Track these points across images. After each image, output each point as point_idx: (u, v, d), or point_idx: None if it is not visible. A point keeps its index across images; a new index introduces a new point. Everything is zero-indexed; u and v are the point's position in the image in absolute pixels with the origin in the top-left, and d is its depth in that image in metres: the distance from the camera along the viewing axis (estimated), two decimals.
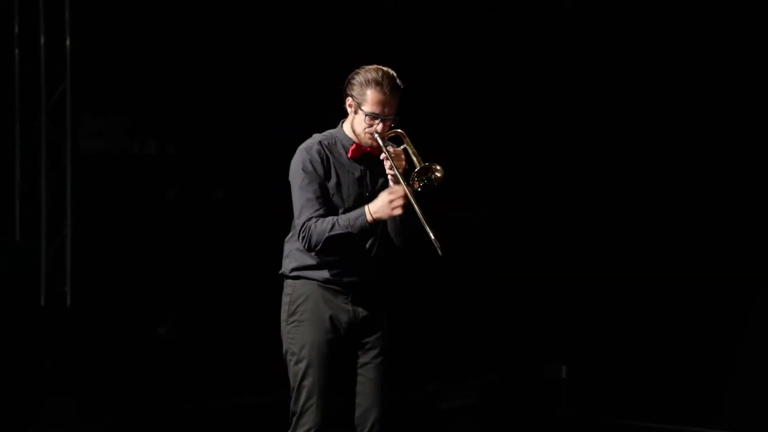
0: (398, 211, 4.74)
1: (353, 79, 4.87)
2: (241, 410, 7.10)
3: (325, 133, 4.98)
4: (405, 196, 4.72)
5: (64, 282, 8.18)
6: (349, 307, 4.90)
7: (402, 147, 4.87)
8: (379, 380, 4.90)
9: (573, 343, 8.93)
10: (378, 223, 4.84)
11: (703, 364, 8.23)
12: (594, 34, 8.64)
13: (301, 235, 4.78)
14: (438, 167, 4.76)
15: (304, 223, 4.79)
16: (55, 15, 8.41)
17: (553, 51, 8.87)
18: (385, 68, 4.87)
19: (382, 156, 4.82)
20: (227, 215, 8.39)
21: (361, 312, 4.91)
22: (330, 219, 4.78)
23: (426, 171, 4.76)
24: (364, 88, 4.83)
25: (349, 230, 4.76)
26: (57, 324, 7.92)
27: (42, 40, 8.52)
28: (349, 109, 4.91)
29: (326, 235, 4.75)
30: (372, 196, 4.86)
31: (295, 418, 4.86)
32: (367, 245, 4.94)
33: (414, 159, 4.79)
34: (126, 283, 7.77)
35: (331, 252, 4.81)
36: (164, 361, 7.79)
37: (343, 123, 4.98)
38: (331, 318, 4.86)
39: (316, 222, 4.77)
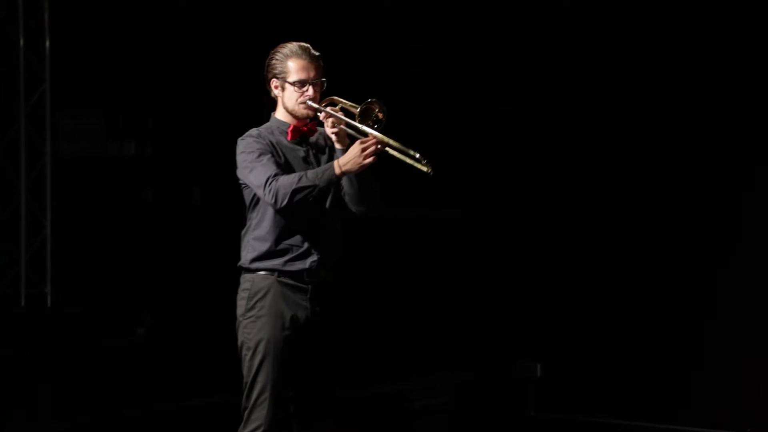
0: (370, 159, 4.77)
1: (272, 59, 4.93)
2: (219, 409, 7.12)
3: (258, 127, 5.01)
4: (377, 141, 4.77)
5: (44, 283, 8.18)
6: (307, 304, 4.92)
7: (338, 107, 4.92)
8: (316, 374, 4.94)
9: (547, 342, 8.93)
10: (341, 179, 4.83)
11: (676, 362, 8.26)
12: (585, 32, 8.65)
13: (267, 192, 4.77)
14: (374, 100, 4.80)
15: (268, 181, 4.77)
16: (35, 16, 8.39)
17: (544, 49, 8.87)
18: (297, 42, 4.94)
19: (322, 116, 4.86)
20: (205, 216, 8.41)
21: (318, 310, 4.94)
22: (297, 173, 4.79)
23: (368, 112, 4.80)
24: (284, 61, 4.90)
25: (317, 183, 4.76)
26: (37, 325, 7.90)
27: (21, 42, 8.50)
28: (275, 91, 4.95)
29: (294, 186, 4.75)
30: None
31: (246, 413, 4.90)
32: (326, 222, 4.94)
33: (352, 110, 4.82)
34: (105, 284, 7.77)
35: (294, 211, 4.79)
36: (143, 361, 7.79)
37: (273, 114, 5.02)
38: (289, 315, 4.88)
39: (281, 176, 4.78)
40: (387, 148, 4.81)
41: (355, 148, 4.77)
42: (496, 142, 9.17)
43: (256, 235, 4.91)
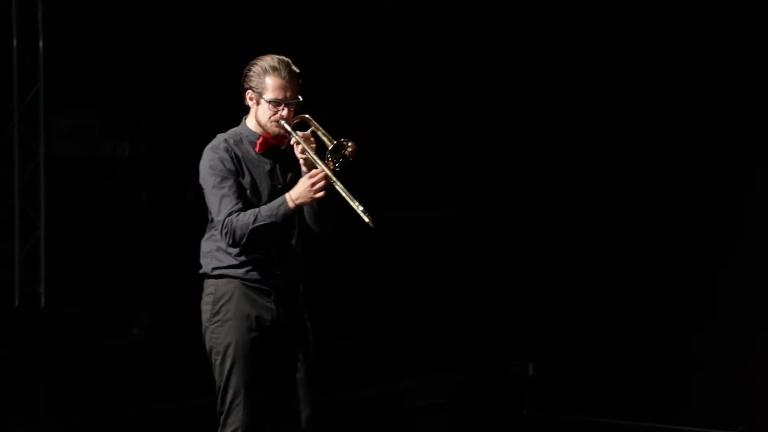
0: (320, 194, 4.76)
1: (250, 71, 4.88)
2: (215, 409, 7.13)
3: (229, 131, 4.98)
4: (325, 177, 4.76)
5: (38, 283, 8.18)
6: (272, 305, 4.92)
7: (309, 130, 4.90)
8: (308, 380, 4.94)
9: (539, 341, 8.94)
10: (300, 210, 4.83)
11: (669, 361, 8.28)
12: (582, 31, 8.66)
13: (223, 232, 4.76)
14: (349, 142, 4.78)
15: (224, 219, 4.76)
16: (28, 16, 8.39)
17: (541, 49, 8.88)
18: (279, 56, 4.88)
19: (293, 141, 4.84)
20: (199, 216, 8.40)
21: (284, 311, 4.94)
22: (251, 211, 4.77)
23: (339, 148, 4.77)
24: (262, 76, 4.84)
25: (273, 219, 4.76)
26: (31, 325, 7.89)
27: (15, 42, 8.49)
28: (250, 102, 4.91)
29: (250, 227, 4.74)
30: (284, 189, 4.87)
31: (222, 417, 4.90)
32: (290, 240, 4.95)
33: (324, 139, 4.80)
34: (100, 284, 7.76)
35: (255, 245, 4.79)
36: (138, 362, 7.78)
37: (245, 119, 4.99)
38: (254, 316, 4.88)
39: (237, 216, 4.75)
40: (336, 187, 4.79)
41: (305, 182, 4.77)
42: (490, 143, 9.19)
43: (219, 246, 4.90)
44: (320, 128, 4.85)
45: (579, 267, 8.81)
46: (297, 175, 4.92)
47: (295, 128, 4.87)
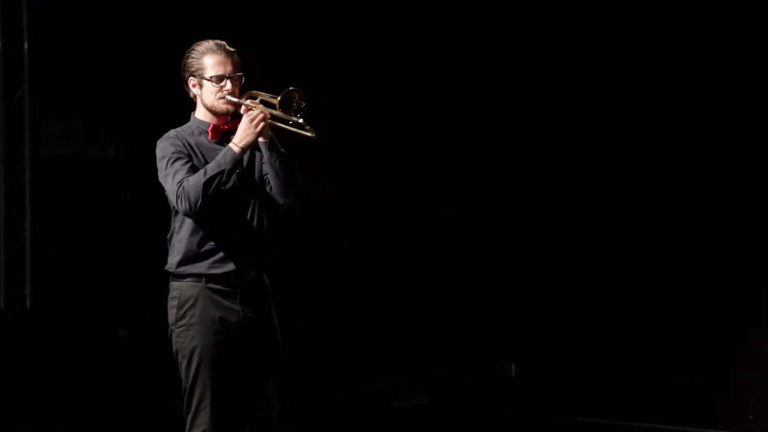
0: (261, 125, 4.78)
1: (187, 58, 4.98)
2: None
3: (177, 129, 5.02)
4: (261, 110, 4.78)
5: (24, 285, 8.17)
6: (238, 307, 4.94)
7: (258, 99, 4.92)
8: (278, 381, 4.96)
9: (522, 341, 8.96)
10: (252, 166, 4.85)
11: (651, 360, 8.32)
12: (578, 30, 8.70)
13: (178, 201, 4.77)
14: (294, 90, 4.82)
15: (177, 188, 4.77)
16: (13, 18, 8.38)
17: (536, 49, 8.91)
18: (212, 39, 4.97)
19: (243, 109, 4.86)
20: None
21: (250, 313, 4.95)
22: (200, 171, 4.78)
23: (288, 101, 4.82)
24: (200, 58, 4.92)
25: (222, 167, 4.75)
26: (16, 327, 7.89)
27: None
28: (194, 90, 4.97)
29: (202, 181, 4.73)
30: (244, 173, 4.89)
31: (189, 418, 4.94)
32: (251, 220, 4.94)
33: (272, 101, 4.84)
34: (85, 286, 7.76)
35: (213, 205, 4.76)
36: (124, 363, 7.79)
37: (193, 114, 5.02)
38: (220, 319, 4.89)
39: (187, 179, 4.76)
40: (274, 120, 4.82)
41: (243, 121, 4.80)
42: (476, 146, 9.22)
43: (180, 237, 4.92)
44: (266, 94, 4.88)
45: (562, 267, 8.85)
46: (253, 156, 4.93)
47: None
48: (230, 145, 4.77)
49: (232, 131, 4.89)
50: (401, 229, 9.29)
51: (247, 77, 5.02)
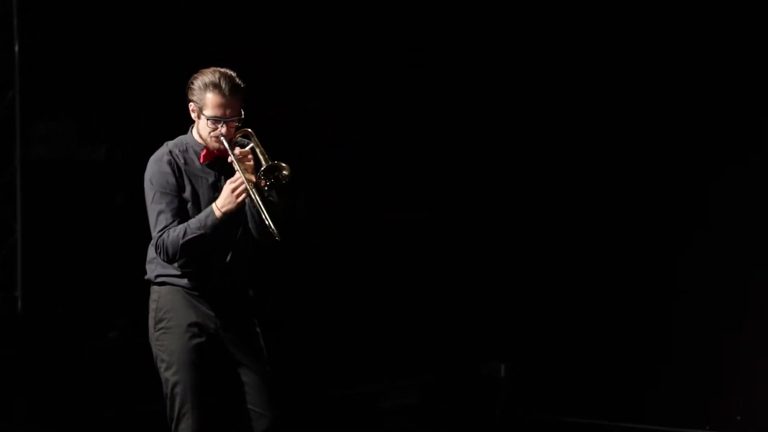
0: (242, 197, 4.76)
1: (192, 84, 4.87)
2: None
3: (176, 140, 4.99)
4: (244, 183, 4.75)
5: (15, 287, 8.16)
6: (215, 313, 4.94)
7: (249, 146, 4.91)
8: (263, 385, 4.96)
9: (512, 342, 8.97)
10: (231, 218, 4.81)
11: (641, 361, 8.34)
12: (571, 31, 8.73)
13: (157, 250, 4.80)
14: (284, 165, 4.78)
15: (158, 237, 4.80)
16: (4, 20, 8.37)
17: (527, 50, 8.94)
18: (223, 69, 4.87)
19: (229, 159, 4.85)
20: None
21: (230, 318, 4.95)
22: (182, 226, 4.78)
23: (273, 169, 4.78)
24: (203, 92, 4.82)
25: (203, 231, 4.77)
26: (8, 329, 7.88)
27: None
28: (192, 115, 4.92)
29: (180, 242, 4.75)
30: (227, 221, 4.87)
31: (173, 424, 4.93)
32: (230, 251, 4.95)
33: (261, 158, 4.81)
34: (77, 288, 7.76)
35: (191, 259, 4.81)
36: (116, 364, 7.79)
37: (192, 129, 5.00)
38: (197, 324, 4.89)
39: (168, 232, 4.78)
40: (251, 196, 4.81)
41: (226, 189, 4.78)
42: (470, 145, 9.23)
43: (160, 259, 4.91)
44: (260, 146, 4.85)
45: (551, 268, 8.86)
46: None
47: (236, 143, 4.89)
48: (213, 207, 4.75)
49: (224, 155, 4.89)
50: (390, 230, 9.30)
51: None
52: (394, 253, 9.30)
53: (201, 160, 4.90)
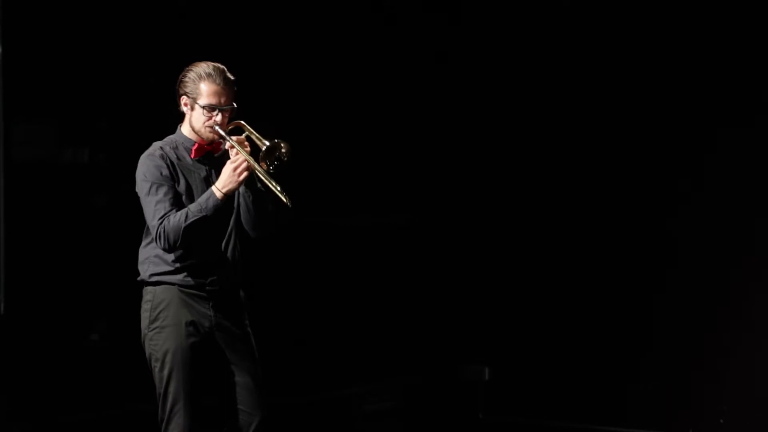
0: (245, 175, 4.85)
1: (185, 77, 5.00)
2: None
3: (164, 139, 5.07)
4: (246, 160, 4.81)
5: None
6: (211, 312, 4.98)
7: (244, 135, 4.98)
8: (254, 385, 4.99)
9: (494, 345, 9.00)
10: (228, 203, 4.88)
11: (623, 364, 8.38)
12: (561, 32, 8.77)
13: (158, 237, 4.86)
14: (283, 143, 4.87)
15: (158, 224, 4.87)
16: None
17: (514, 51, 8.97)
18: (215, 63, 5.01)
19: (227, 145, 4.92)
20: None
21: (223, 318, 4.99)
22: (182, 211, 4.88)
23: (273, 150, 4.86)
24: (197, 82, 4.95)
25: (204, 213, 4.86)
26: None
27: None
28: (185, 109, 5.02)
29: (183, 226, 4.84)
30: (222, 208, 4.93)
31: (164, 424, 4.97)
32: (225, 247, 5.00)
33: (258, 143, 4.90)
34: (59, 291, 7.76)
35: (190, 250, 4.88)
36: (96, 367, 7.79)
37: (180, 126, 5.06)
38: (192, 323, 4.94)
39: (168, 219, 4.85)
40: (256, 171, 4.86)
41: (227, 168, 4.86)
42: (443, 148, 9.25)
43: (156, 253, 4.95)
44: (254, 132, 4.95)
45: (534, 270, 8.89)
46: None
47: (229, 134, 4.95)
48: (213, 189, 4.86)
49: (215, 151, 4.97)
50: (368, 234, 9.31)
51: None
52: (374, 257, 9.32)
53: (192, 155, 4.97)
